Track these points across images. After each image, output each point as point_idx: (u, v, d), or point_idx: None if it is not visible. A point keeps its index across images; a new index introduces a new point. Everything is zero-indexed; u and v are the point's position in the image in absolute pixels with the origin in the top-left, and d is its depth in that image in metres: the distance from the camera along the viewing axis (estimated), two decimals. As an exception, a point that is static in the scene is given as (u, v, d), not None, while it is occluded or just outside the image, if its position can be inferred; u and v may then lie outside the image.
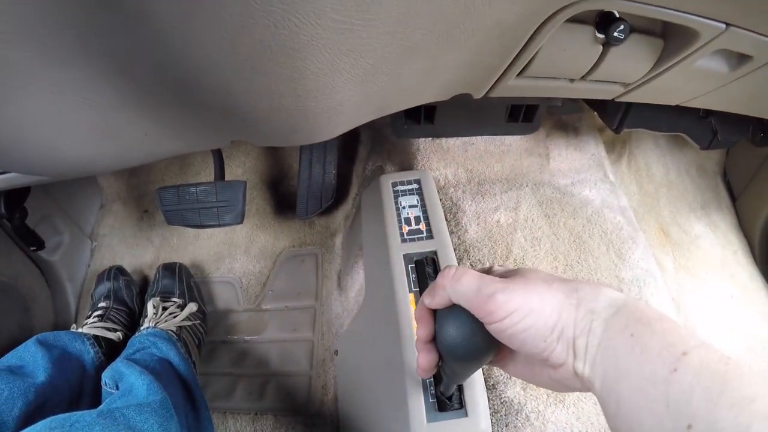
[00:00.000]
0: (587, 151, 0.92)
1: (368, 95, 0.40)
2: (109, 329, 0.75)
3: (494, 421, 0.59)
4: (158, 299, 0.80)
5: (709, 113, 0.81)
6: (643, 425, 0.23)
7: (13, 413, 0.53)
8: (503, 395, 0.60)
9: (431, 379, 0.48)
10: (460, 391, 0.47)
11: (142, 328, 0.74)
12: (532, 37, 0.40)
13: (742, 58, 0.47)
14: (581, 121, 0.96)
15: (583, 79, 0.49)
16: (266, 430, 0.76)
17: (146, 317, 0.76)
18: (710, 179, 1.04)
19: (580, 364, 0.27)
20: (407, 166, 0.86)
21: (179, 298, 0.82)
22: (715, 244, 0.94)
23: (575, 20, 0.40)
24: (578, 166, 0.90)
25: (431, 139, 0.88)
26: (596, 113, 0.87)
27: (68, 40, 0.29)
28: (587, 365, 0.27)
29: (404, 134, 0.86)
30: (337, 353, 0.79)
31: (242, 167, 1.05)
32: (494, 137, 0.90)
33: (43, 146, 0.40)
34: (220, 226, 0.70)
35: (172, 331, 0.73)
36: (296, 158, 1.00)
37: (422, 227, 0.62)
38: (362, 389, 0.66)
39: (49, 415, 0.48)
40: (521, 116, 0.84)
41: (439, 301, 0.33)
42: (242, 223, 0.71)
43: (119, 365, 0.61)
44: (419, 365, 0.36)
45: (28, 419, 0.54)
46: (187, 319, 0.78)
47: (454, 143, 0.88)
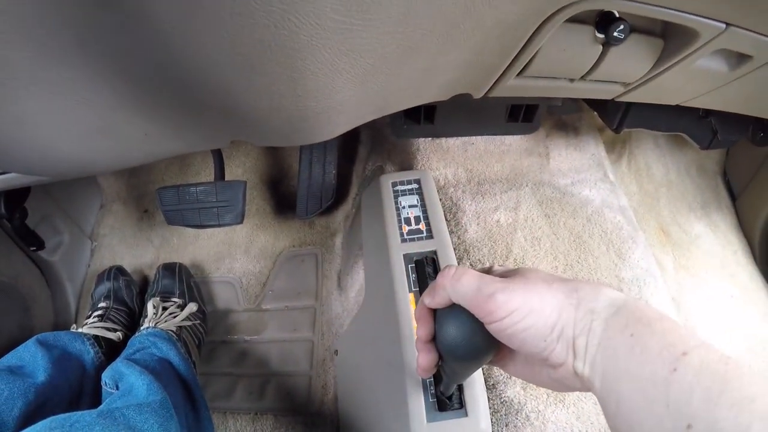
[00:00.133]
0: (587, 150, 0.92)
1: (368, 95, 0.39)
2: (109, 329, 0.75)
3: (494, 420, 0.59)
4: (158, 299, 0.80)
5: (709, 113, 0.81)
6: (643, 425, 0.23)
7: (13, 413, 0.53)
8: (503, 395, 0.60)
9: (431, 378, 0.48)
10: (460, 390, 0.47)
11: (142, 328, 0.74)
12: (531, 37, 0.40)
13: (741, 57, 0.47)
14: (581, 120, 0.96)
15: (583, 78, 0.49)
16: (266, 430, 0.76)
17: (146, 317, 0.76)
18: (710, 179, 1.04)
19: (580, 363, 0.27)
20: (407, 166, 0.86)
21: (179, 298, 0.82)
22: (715, 243, 0.94)
23: (575, 20, 0.40)
24: (578, 165, 0.90)
25: (431, 139, 0.88)
26: (596, 113, 0.87)
27: (67, 40, 0.29)
28: (587, 365, 0.27)
29: (404, 134, 0.86)
30: (337, 353, 0.79)
31: (242, 167, 1.05)
32: (494, 137, 0.90)
33: (42, 146, 0.40)
34: (220, 226, 0.70)
35: (172, 331, 0.73)
36: (296, 158, 1.00)
37: (422, 227, 0.62)
38: (362, 389, 0.66)
39: (49, 415, 0.48)
40: (521, 116, 0.84)
41: (439, 300, 0.33)
42: (242, 223, 0.71)
43: (119, 365, 0.61)
44: (419, 365, 0.36)
45: (28, 419, 0.54)
46: (187, 319, 0.78)
47: (453, 143, 0.88)
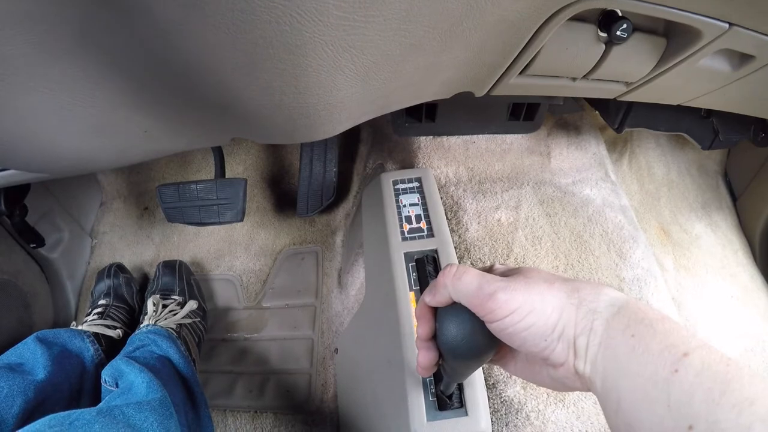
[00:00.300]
0: (588, 150, 0.92)
1: (369, 93, 0.39)
2: (108, 327, 0.75)
3: (494, 420, 0.59)
4: (158, 297, 0.80)
5: (710, 113, 0.81)
6: (643, 425, 0.23)
7: (12, 411, 0.53)
8: (503, 394, 0.60)
9: (431, 377, 0.48)
10: (460, 390, 0.47)
11: (142, 325, 0.74)
12: (534, 35, 0.40)
13: (744, 58, 0.47)
14: (583, 120, 0.96)
15: (585, 77, 0.49)
16: (266, 428, 0.76)
17: (146, 315, 0.76)
18: (711, 179, 1.04)
19: (580, 363, 0.27)
20: (408, 164, 0.86)
21: (179, 295, 0.82)
22: (715, 243, 0.94)
23: (578, 19, 0.40)
24: (579, 165, 0.90)
25: (432, 137, 0.88)
26: (598, 112, 0.87)
27: (67, 37, 0.29)
28: (588, 365, 0.27)
29: (405, 132, 0.86)
30: (337, 351, 0.79)
31: (243, 165, 1.05)
32: (495, 136, 0.90)
33: (42, 143, 0.40)
34: (220, 223, 0.70)
35: (172, 328, 0.73)
36: (297, 156, 1.00)
37: (423, 225, 0.62)
38: (362, 387, 0.66)
39: (48, 412, 0.48)
40: (523, 115, 0.84)
41: (439, 299, 0.33)
42: (242, 220, 0.71)
43: (119, 363, 0.61)
44: (419, 363, 0.36)
45: (27, 417, 0.54)
46: (187, 316, 0.78)
47: (455, 141, 0.88)
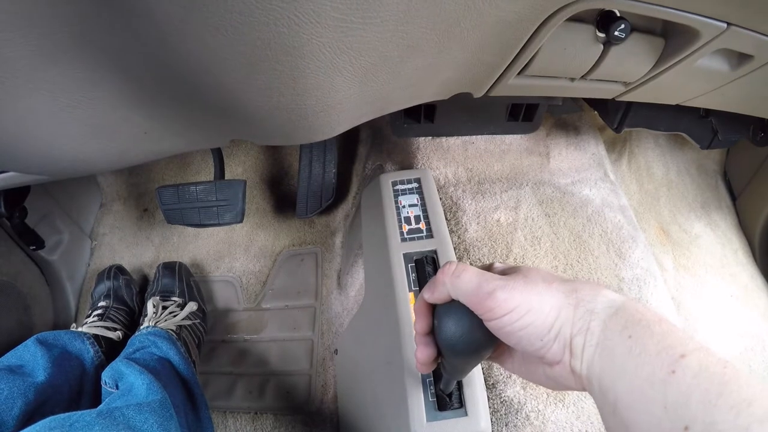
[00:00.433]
0: (587, 150, 0.92)
1: (368, 94, 0.39)
2: (108, 328, 0.75)
3: (494, 420, 0.59)
4: (158, 298, 0.80)
5: (709, 113, 0.81)
6: (640, 425, 0.23)
7: (12, 413, 0.53)
8: (503, 394, 0.60)
9: (431, 378, 0.48)
10: (459, 390, 0.47)
11: (141, 327, 0.74)
12: (532, 35, 0.40)
13: (742, 57, 0.47)
14: (581, 120, 0.96)
15: (583, 78, 0.49)
16: (266, 429, 0.76)
17: (146, 316, 0.76)
18: (710, 179, 1.04)
19: (577, 362, 0.27)
20: (407, 165, 0.86)
21: (179, 297, 0.82)
22: (715, 243, 0.94)
23: (576, 19, 0.40)
24: (578, 165, 0.90)
25: (431, 138, 0.88)
26: (597, 112, 0.87)
27: (66, 38, 0.29)
28: (584, 364, 0.27)
29: (404, 133, 0.86)
30: (336, 352, 0.79)
31: (242, 166, 1.05)
32: (494, 136, 0.90)
33: (42, 145, 0.40)
34: (219, 225, 0.70)
35: (171, 330, 0.73)
36: (296, 157, 1.00)
37: (422, 226, 0.62)
38: (362, 388, 0.66)
39: (48, 414, 0.48)
40: (521, 115, 0.84)
41: (438, 296, 0.33)
42: (242, 222, 0.71)
43: (119, 364, 0.61)
44: (418, 359, 0.36)
45: (27, 419, 0.54)
46: (186, 318, 0.78)
47: (454, 142, 0.88)
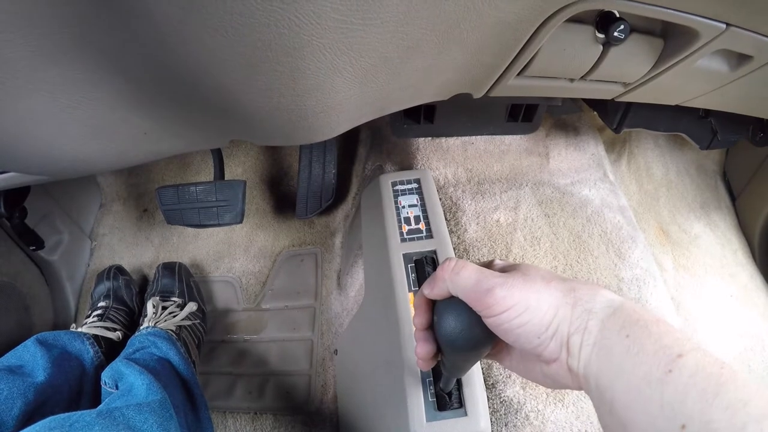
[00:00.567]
0: (587, 150, 0.92)
1: (368, 95, 0.39)
2: (108, 329, 0.75)
3: (494, 420, 0.59)
4: (158, 298, 0.80)
5: (708, 113, 0.81)
6: (637, 424, 0.23)
7: (12, 413, 0.53)
8: (503, 394, 0.60)
9: (431, 378, 0.48)
10: (459, 389, 0.47)
11: (141, 327, 0.74)
12: (532, 36, 0.40)
13: (742, 58, 0.47)
14: (581, 120, 0.96)
15: (583, 78, 0.49)
16: (266, 429, 0.76)
17: (146, 317, 0.76)
18: (710, 179, 1.05)
19: (574, 361, 0.27)
20: (407, 165, 0.86)
21: (179, 297, 0.82)
22: (714, 243, 0.94)
23: (575, 20, 0.40)
24: (578, 165, 0.90)
25: (431, 138, 0.88)
26: (596, 113, 0.87)
27: (66, 39, 0.29)
28: (581, 363, 0.27)
29: (404, 134, 0.86)
30: (336, 352, 0.79)
31: (242, 166, 1.05)
32: (494, 137, 0.90)
33: (42, 145, 0.40)
34: (219, 225, 0.70)
35: (171, 330, 0.73)
36: (296, 158, 1.00)
37: (422, 227, 0.62)
38: (362, 388, 0.66)
39: (48, 414, 0.48)
40: (521, 116, 0.84)
41: (437, 292, 0.34)
42: (242, 222, 0.71)
43: (119, 365, 0.61)
44: (417, 355, 0.36)
45: (27, 419, 0.54)
46: (186, 318, 0.78)
47: (453, 143, 0.88)
